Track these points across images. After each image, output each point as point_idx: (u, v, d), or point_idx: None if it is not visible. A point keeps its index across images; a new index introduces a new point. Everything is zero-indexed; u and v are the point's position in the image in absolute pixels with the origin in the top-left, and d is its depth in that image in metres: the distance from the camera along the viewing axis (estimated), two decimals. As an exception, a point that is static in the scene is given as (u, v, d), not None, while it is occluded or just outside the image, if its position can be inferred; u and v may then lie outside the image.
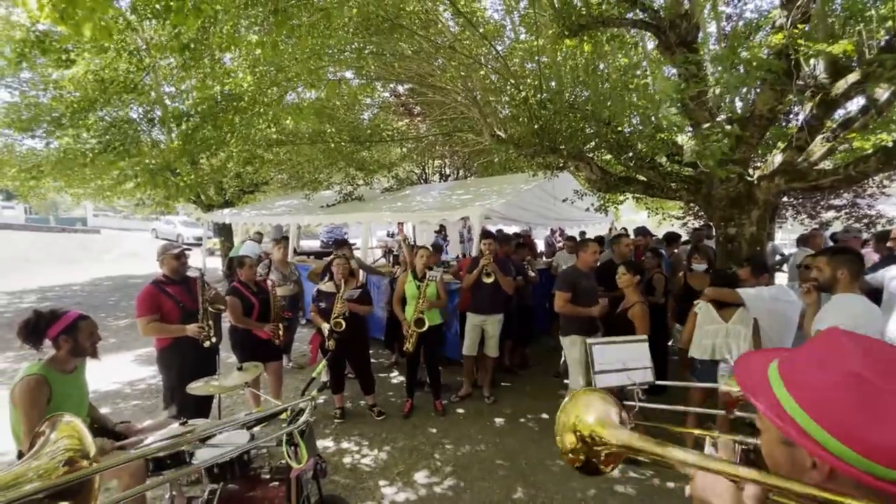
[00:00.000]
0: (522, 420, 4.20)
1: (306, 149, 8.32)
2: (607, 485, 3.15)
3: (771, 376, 0.71)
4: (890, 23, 3.28)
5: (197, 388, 2.51)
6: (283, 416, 2.26)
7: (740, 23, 6.60)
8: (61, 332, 2.12)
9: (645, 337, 2.03)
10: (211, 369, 3.16)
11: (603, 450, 0.87)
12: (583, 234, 7.49)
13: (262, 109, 4.94)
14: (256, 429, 2.39)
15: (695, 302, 3.42)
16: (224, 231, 11.99)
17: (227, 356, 4.36)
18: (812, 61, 3.43)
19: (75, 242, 18.74)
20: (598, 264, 4.14)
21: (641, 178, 4.64)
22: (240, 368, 2.65)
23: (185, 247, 3.54)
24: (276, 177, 11.85)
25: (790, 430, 0.65)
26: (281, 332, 3.86)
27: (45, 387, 2.05)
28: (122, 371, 5.34)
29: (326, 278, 4.15)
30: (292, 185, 11.35)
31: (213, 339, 3.22)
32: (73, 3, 2.21)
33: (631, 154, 4.39)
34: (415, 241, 10.68)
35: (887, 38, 3.21)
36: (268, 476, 2.22)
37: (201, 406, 2.96)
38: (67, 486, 0.91)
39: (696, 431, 1.12)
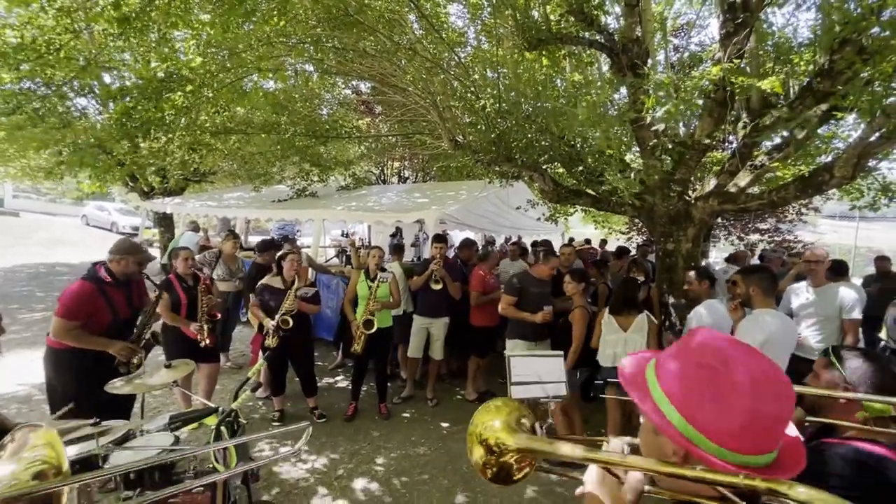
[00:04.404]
0: (466, 424, 4.21)
1: (258, 139, 7.96)
2: (547, 486, 3.23)
3: (648, 370, 0.77)
4: (812, 66, 3.63)
5: (119, 386, 2.31)
6: (213, 417, 2.14)
7: (685, 54, 7.08)
8: (-45, 321, 1.88)
9: (561, 353, 2.12)
10: (118, 372, 2.83)
11: (509, 457, 0.87)
12: (535, 243, 7.66)
13: (210, 94, 4.67)
14: (182, 431, 2.23)
15: (600, 311, 3.63)
16: (164, 221, 11.23)
17: (157, 353, 4.07)
18: (746, 94, 3.73)
19: (-12, 225, 16.85)
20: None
21: (590, 191, 4.83)
22: (168, 366, 2.48)
23: (150, 251, 3.24)
24: (225, 167, 11.22)
25: (655, 417, 0.70)
26: (206, 333, 3.50)
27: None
28: (33, 369, 4.82)
29: (274, 272, 3.98)
30: (241, 175, 10.81)
31: (131, 369, 2.83)
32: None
33: (581, 168, 4.57)
34: (370, 242, 10.53)
35: (808, 79, 3.55)
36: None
37: (112, 408, 2.69)
38: (32, 495, 0.84)
39: (597, 438, 1.13)
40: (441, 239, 4.64)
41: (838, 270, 3.91)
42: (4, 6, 4.23)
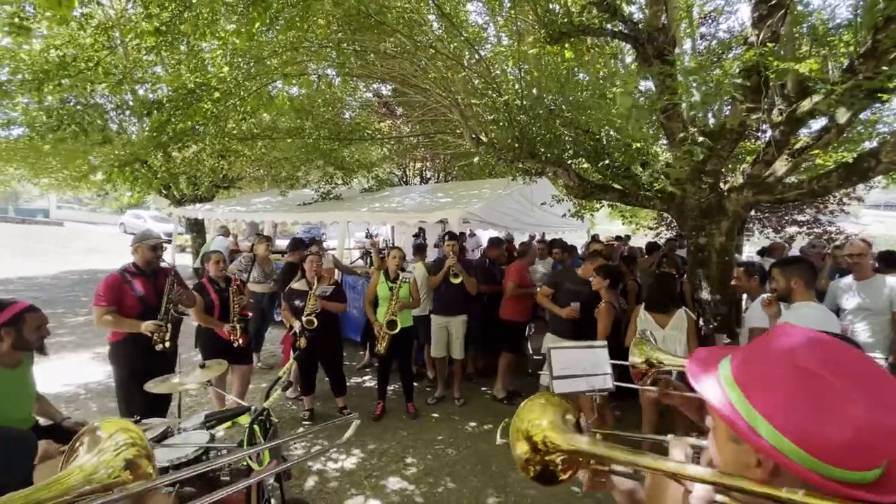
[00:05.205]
0: (494, 424, 4.18)
1: (283, 144, 8.15)
2: (579, 486, 3.16)
3: (722, 372, 0.70)
4: (852, 48, 3.44)
5: (155, 386, 2.39)
6: (246, 416, 2.18)
7: (713, 42, 6.83)
8: (4, 323, 1.99)
9: (605, 343, 2.02)
10: (168, 368, 2.98)
11: (556, 457, 0.82)
12: (552, 241, 7.50)
13: (237, 102, 4.80)
14: (218, 429, 2.29)
15: (636, 307, 3.51)
16: (196, 227, 11.64)
17: (193, 354, 4.21)
18: (781, 80, 3.56)
19: (35, 235, 17.85)
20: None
21: (617, 186, 4.72)
22: (202, 366, 2.55)
23: (163, 238, 3.40)
24: (252, 173, 11.55)
25: (738, 425, 0.62)
26: (239, 333, 3.63)
27: (-16, 381, 1.91)
28: (79, 370, 5.08)
29: (299, 276, 4.06)
30: (268, 181, 11.10)
31: (167, 344, 3.01)
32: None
33: (608, 162, 4.46)
34: (393, 242, 10.60)
35: (850, 60, 3.36)
36: (227, 478, 2.13)
37: (156, 406, 2.81)
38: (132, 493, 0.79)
39: (651, 437, 1.08)
40: (454, 237, 4.68)
41: (890, 261, 3.67)
42: (47, 26, 4.47)
